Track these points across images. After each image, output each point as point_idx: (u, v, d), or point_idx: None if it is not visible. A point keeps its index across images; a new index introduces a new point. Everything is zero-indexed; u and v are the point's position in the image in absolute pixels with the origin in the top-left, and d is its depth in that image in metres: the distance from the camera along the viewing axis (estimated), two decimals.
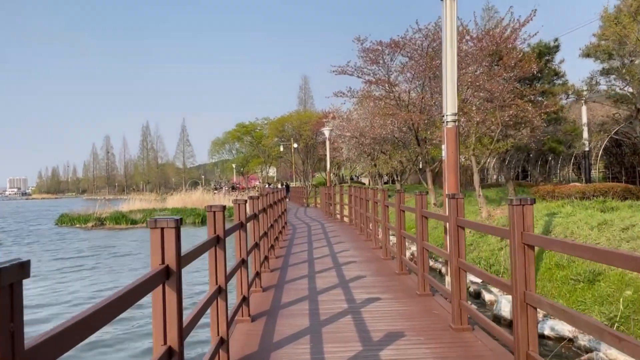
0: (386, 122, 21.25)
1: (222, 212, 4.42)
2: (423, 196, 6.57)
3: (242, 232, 5.75)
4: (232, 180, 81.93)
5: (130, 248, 22.60)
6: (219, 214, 4.39)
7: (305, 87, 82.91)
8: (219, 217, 4.38)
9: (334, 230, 15.50)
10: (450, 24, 6.70)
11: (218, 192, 56.68)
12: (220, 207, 4.41)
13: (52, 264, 18.64)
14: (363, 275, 8.10)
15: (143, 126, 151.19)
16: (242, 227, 5.75)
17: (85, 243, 25.58)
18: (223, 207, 4.45)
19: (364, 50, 19.00)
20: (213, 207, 4.41)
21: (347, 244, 12.10)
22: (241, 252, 5.73)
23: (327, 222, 19.19)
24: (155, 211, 42.29)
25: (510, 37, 15.00)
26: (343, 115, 32.54)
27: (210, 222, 4.37)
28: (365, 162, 34.35)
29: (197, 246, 3.54)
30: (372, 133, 25.73)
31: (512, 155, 21.86)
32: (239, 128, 71.13)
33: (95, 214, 38.68)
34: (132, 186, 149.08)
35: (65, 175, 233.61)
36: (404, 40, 17.93)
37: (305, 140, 55.02)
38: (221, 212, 4.41)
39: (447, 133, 6.63)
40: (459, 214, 5.21)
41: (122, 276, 15.36)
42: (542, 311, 6.57)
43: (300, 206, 34.22)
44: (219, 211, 4.40)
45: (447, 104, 6.65)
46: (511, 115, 14.20)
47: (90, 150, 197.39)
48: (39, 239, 28.73)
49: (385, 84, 18.67)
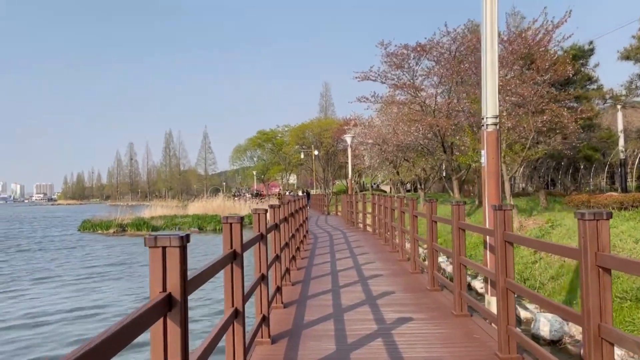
0: (410, 129, 20.63)
1: (239, 224, 3.91)
2: (460, 207, 5.98)
3: (262, 244, 5.24)
4: (252, 187, 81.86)
5: None
6: (236, 226, 3.88)
7: (326, 94, 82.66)
8: (235, 230, 3.87)
9: (356, 240, 14.91)
10: (490, 22, 6.12)
11: (239, 199, 56.45)
12: (237, 219, 3.91)
13: (79, 272, 18.42)
14: (392, 291, 7.51)
15: (166, 133, 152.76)
16: (262, 239, 5.25)
17: (108, 250, 25.39)
18: (241, 218, 3.94)
19: (388, 55, 18.46)
20: (229, 218, 3.90)
21: (371, 255, 11.51)
22: (261, 266, 5.22)
23: (349, 231, 18.61)
24: (176, 217, 42.22)
25: (544, 40, 14.31)
26: (365, 122, 31.98)
27: (227, 235, 3.86)
28: (387, 170, 33.70)
29: (210, 265, 3.03)
30: (395, 140, 25.13)
31: (541, 162, 21.02)
32: (260, 135, 71.07)
33: (116, 221, 38.69)
34: (155, 192, 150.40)
35: (90, 182, 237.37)
36: (431, 43, 17.35)
37: (325, 147, 54.56)
38: (238, 223, 3.90)
39: (488, 137, 6.03)
40: (506, 227, 4.61)
41: (144, 284, 15.03)
42: (623, 349, 5.76)
43: (321, 214, 33.69)
44: (236, 223, 3.89)
45: (487, 106, 6.05)
46: (545, 120, 13.48)
47: (114, 156, 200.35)
48: (63, 245, 28.70)
49: (410, 89, 18.08)
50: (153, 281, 2.23)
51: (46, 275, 17.61)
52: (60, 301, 13.12)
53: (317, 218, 28.44)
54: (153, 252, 2.24)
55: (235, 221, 3.86)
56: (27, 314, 11.86)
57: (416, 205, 9.26)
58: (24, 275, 17.62)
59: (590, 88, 18.25)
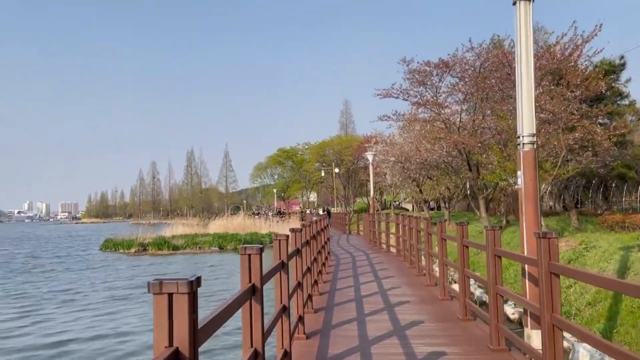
0: (434, 147, 20.19)
1: (259, 255, 3.56)
2: (496, 232, 5.55)
3: (283, 273, 4.88)
4: (273, 205, 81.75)
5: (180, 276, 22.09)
6: (255, 257, 3.53)
7: (347, 112, 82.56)
8: (255, 262, 3.52)
9: (380, 262, 14.44)
10: (525, 31, 5.75)
11: (259, 218, 56.27)
12: (257, 249, 3.55)
13: (101, 294, 18.30)
14: (420, 320, 7.05)
15: (188, 152, 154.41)
16: (283, 267, 4.89)
17: (131, 271, 25.27)
18: (260, 248, 3.59)
19: (411, 72, 18.14)
20: (248, 249, 3.55)
21: (397, 279, 11.04)
22: (282, 297, 4.85)
23: (372, 251, 18.13)
24: (197, 237, 42.18)
25: (573, 54, 13.83)
26: (386, 140, 31.62)
27: (245, 267, 3.51)
28: (410, 188, 33.18)
29: (225, 306, 2.67)
30: (418, 157, 24.68)
31: (570, 180, 20.31)
32: (281, 153, 71.15)
33: (138, 240, 38.77)
34: (177, 210, 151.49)
35: (114, 200, 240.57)
36: (454, 59, 16.98)
37: (346, 165, 54.24)
38: (258, 254, 3.55)
39: (524, 157, 5.61)
40: (552, 257, 4.18)
41: None
42: None
43: (342, 233, 33.20)
44: (255, 254, 3.54)
45: (522, 123, 5.65)
46: (576, 138, 12.94)
47: (137, 175, 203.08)
48: (86, 265, 28.72)
49: (434, 106, 17.69)
50: (158, 333, 1.90)
51: (69, 298, 17.45)
52: (81, 328, 12.90)
53: (339, 237, 27.98)
54: (158, 300, 1.90)
55: (254, 252, 3.50)
56: (45, 343, 11.66)
57: (445, 227, 8.81)
58: (48, 299, 17.50)
59: (622, 104, 17.60)
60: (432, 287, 9.86)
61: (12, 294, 18.77)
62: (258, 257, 3.50)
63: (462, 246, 7.03)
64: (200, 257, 33.35)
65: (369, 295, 9.17)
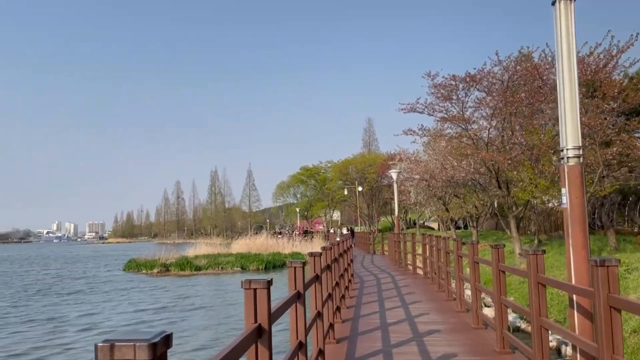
0: (461, 163, 19.51)
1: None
2: (539, 257, 4.94)
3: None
4: (296, 224, 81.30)
5: (200, 300, 21.68)
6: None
7: (370, 129, 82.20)
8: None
9: (406, 285, 13.76)
10: (566, 33, 5.20)
11: (282, 237, 55.83)
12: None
13: (122, 318, 17.99)
14: (454, 354, 6.42)
15: (212, 172, 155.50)
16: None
17: (151, 293, 24.97)
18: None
19: (436, 86, 17.59)
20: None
21: (425, 305, 10.37)
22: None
23: (398, 273, 17.44)
24: (219, 257, 41.89)
25: (608, 65, 13.13)
26: (410, 157, 30.96)
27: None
28: (435, 206, 32.35)
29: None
30: (444, 175, 23.97)
31: (606, 197, 19.33)
32: (303, 171, 70.89)
33: (160, 260, 38.63)
34: (201, 230, 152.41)
35: (139, 220, 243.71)
36: (481, 73, 16.41)
37: (369, 183, 53.59)
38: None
39: (569, 173, 5.01)
40: (611, 289, 3.57)
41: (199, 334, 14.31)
42: None
43: (367, 253, 32.47)
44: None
45: (566, 135, 5.06)
46: (614, 152, 12.18)
47: (162, 195, 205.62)
48: (109, 287, 28.53)
49: (460, 121, 17.07)
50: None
51: (89, 322, 17.12)
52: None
53: (363, 258, 27.29)
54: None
55: (260, 286, 3.04)
56: None
57: (477, 249, 8.18)
58: (68, 322, 17.23)
59: None
60: (464, 314, 9.18)
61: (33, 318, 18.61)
62: (265, 292, 3.03)
63: (497, 271, 6.41)
64: (222, 277, 32.98)
65: (396, 323, 8.54)
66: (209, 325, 16.01)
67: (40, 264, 57.89)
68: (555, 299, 11.10)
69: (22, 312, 19.92)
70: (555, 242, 19.97)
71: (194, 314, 18.14)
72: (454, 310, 9.56)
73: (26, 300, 23.50)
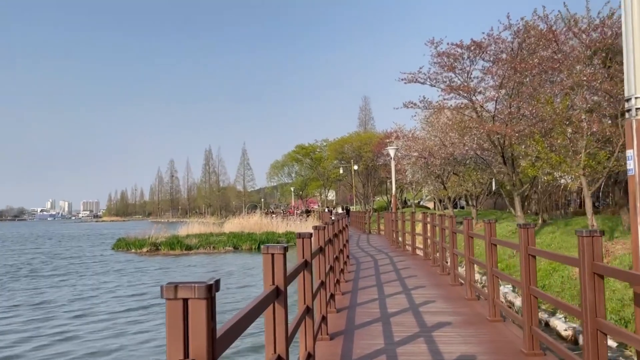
0: (463, 138, 18.35)
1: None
2: (595, 240, 3.79)
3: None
4: (290, 203, 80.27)
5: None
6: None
7: (366, 108, 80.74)
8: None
9: (406, 267, 12.67)
10: None
11: (275, 217, 54.76)
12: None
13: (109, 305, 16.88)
14: (472, 354, 5.31)
15: (206, 150, 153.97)
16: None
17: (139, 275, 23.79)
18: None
19: (439, 55, 16.29)
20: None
21: (430, 290, 9.27)
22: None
23: (395, 254, 16.38)
24: (211, 236, 40.88)
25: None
26: (407, 135, 29.72)
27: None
28: (433, 185, 31.25)
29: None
30: (444, 152, 22.83)
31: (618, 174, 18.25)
32: (299, 150, 69.56)
33: (150, 239, 37.52)
34: (195, 209, 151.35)
35: (133, 198, 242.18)
36: (489, 39, 15.12)
37: (365, 162, 52.41)
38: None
39: (638, 129, 3.84)
40: None
41: None
42: None
43: (362, 232, 31.47)
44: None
45: (635, 81, 3.87)
46: None
47: (156, 173, 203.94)
48: (97, 269, 27.27)
49: (465, 92, 15.82)
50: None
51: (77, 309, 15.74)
52: None
53: (358, 237, 26.26)
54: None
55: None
56: None
57: (494, 229, 7.04)
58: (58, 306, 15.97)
59: None
60: (474, 302, 8.10)
61: None
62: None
63: (526, 255, 5.27)
64: (214, 257, 31.94)
65: (399, 312, 7.44)
66: None
67: (34, 242, 56.71)
68: None
69: None
70: (560, 222, 18.91)
71: None
72: (463, 297, 8.47)
73: (13, 282, 22.29)
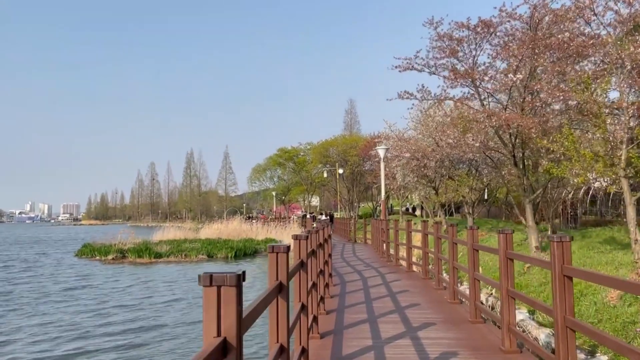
0: (464, 136, 15.98)
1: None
2: None
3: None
4: (272, 209, 77.50)
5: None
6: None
7: (352, 111, 78.41)
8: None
9: (404, 291, 10.17)
10: None
11: (256, 222, 52.10)
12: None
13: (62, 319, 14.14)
14: None
15: (187, 153, 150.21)
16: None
17: (101, 287, 21.06)
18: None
19: (440, 37, 13.91)
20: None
21: (442, 329, 6.77)
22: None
23: (387, 269, 13.92)
24: (184, 243, 38.09)
25: None
26: (398, 134, 27.31)
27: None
28: (424, 190, 28.87)
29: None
30: (439, 154, 20.53)
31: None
32: (281, 153, 66.97)
33: (116, 246, 34.61)
34: (176, 213, 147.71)
35: (113, 202, 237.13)
36: (500, 16, 12.81)
37: (351, 166, 49.98)
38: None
39: None
40: None
41: None
42: None
43: (347, 241, 29.02)
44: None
45: None
46: None
47: (137, 177, 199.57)
48: (48, 282, 24.46)
49: (473, 79, 13.44)
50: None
51: None
52: None
53: (343, 247, 23.78)
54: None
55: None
56: None
57: (511, 243, 4.60)
58: None
59: None
60: (479, 325, 5.64)
61: None
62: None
63: (561, 276, 2.81)
64: (183, 266, 29.21)
65: None
66: None
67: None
68: None
69: None
70: (572, 233, 16.59)
71: None
72: (483, 333, 5.99)
73: None
